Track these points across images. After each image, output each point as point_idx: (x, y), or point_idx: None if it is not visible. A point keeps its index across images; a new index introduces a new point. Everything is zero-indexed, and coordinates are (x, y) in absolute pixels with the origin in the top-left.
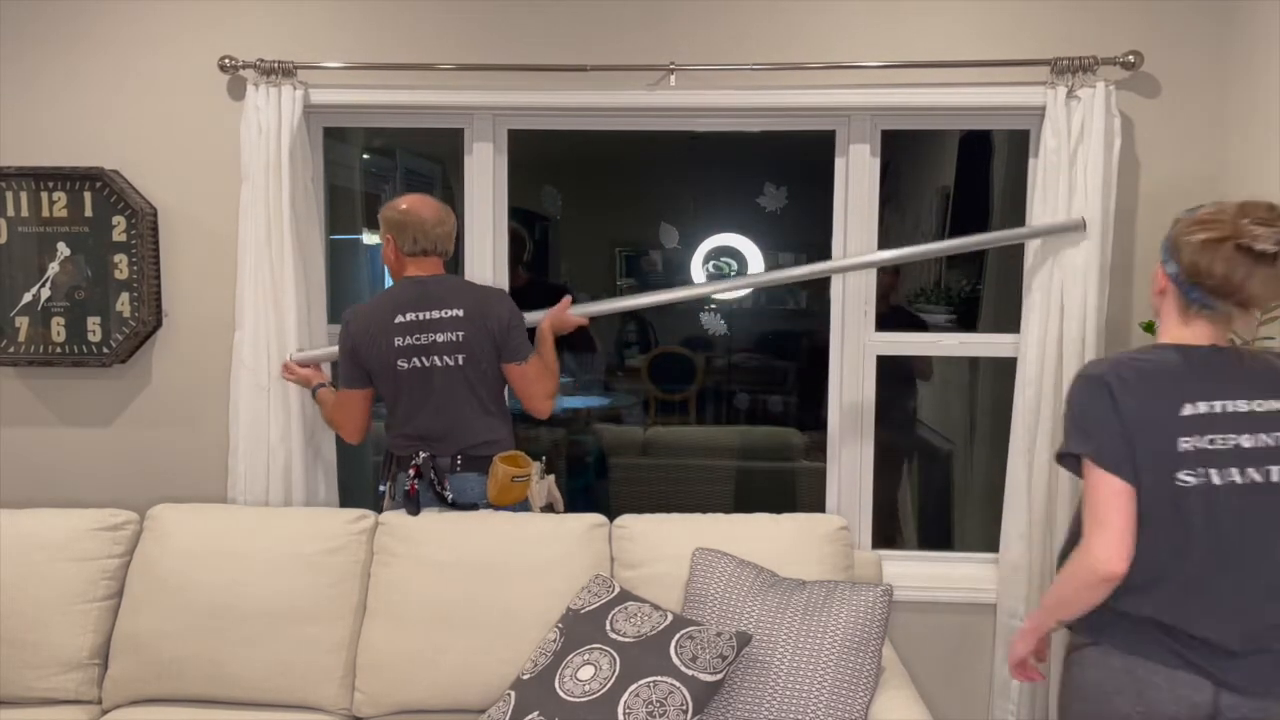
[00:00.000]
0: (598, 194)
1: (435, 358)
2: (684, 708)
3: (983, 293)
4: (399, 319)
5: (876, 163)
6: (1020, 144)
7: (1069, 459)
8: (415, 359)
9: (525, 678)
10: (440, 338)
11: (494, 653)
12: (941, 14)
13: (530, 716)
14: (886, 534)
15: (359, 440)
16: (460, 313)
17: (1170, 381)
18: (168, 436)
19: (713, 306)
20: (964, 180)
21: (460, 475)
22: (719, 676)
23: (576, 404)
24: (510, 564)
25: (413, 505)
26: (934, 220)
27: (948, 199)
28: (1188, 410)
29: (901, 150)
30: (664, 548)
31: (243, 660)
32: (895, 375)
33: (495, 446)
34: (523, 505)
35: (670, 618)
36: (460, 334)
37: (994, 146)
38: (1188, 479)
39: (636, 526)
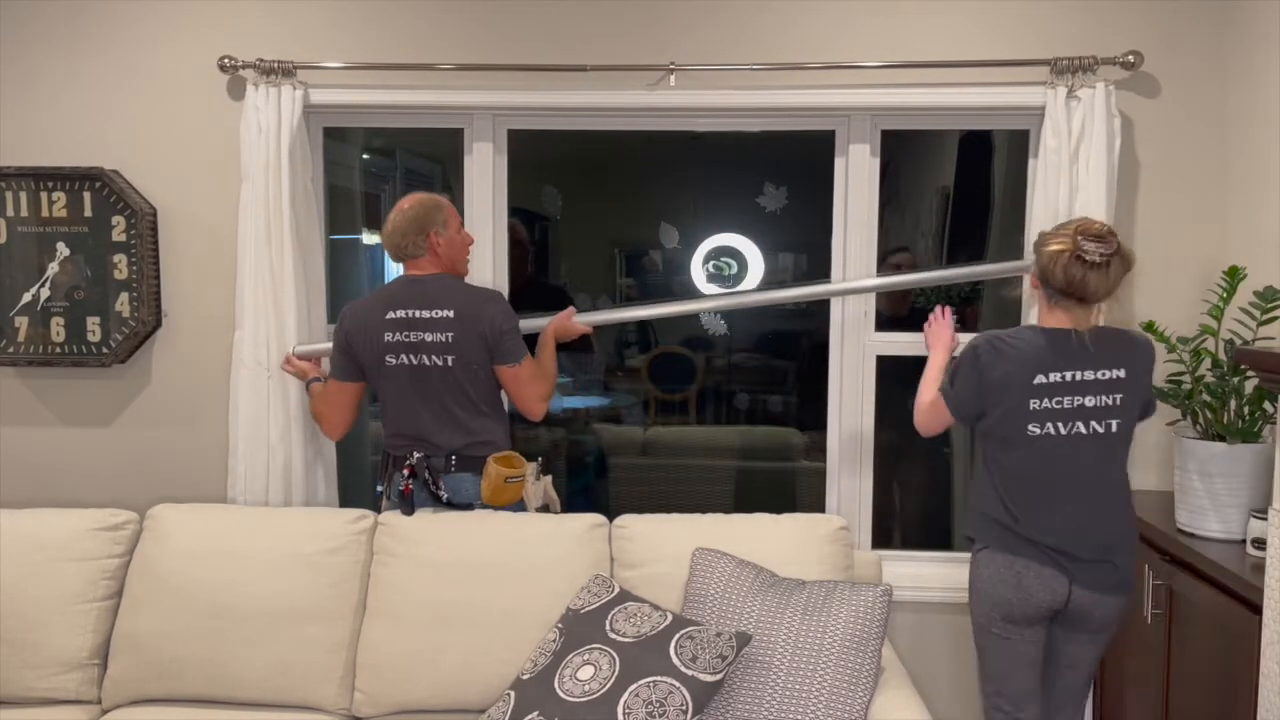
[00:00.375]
0: (598, 194)
1: (424, 356)
2: (684, 708)
3: (983, 292)
4: (390, 315)
5: (876, 163)
6: (1020, 144)
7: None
8: (404, 355)
9: (525, 678)
10: (429, 337)
11: (494, 653)
12: (941, 14)
13: (530, 716)
14: (886, 533)
15: (339, 436)
16: (450, 313)
17: (1031, 355)
18: (168, 436)
19: None
20: (964, 180)
21: (455, 475)
22: (719, 676)
23: (576, 404)
24: (510, 564)
25: (407, 505)
26: (934, 220)
27: (948, 199)
28: (1039, 379)
29: (901, 150)
30: (664, 548)
31: (243, 660)
32: (896, 375)
33: (489, 447)
34: (518, 506)
35: (670, 618)
36: (450, 335)
37: (994, 146)
38: (1034, 430)
39: (636, 526)
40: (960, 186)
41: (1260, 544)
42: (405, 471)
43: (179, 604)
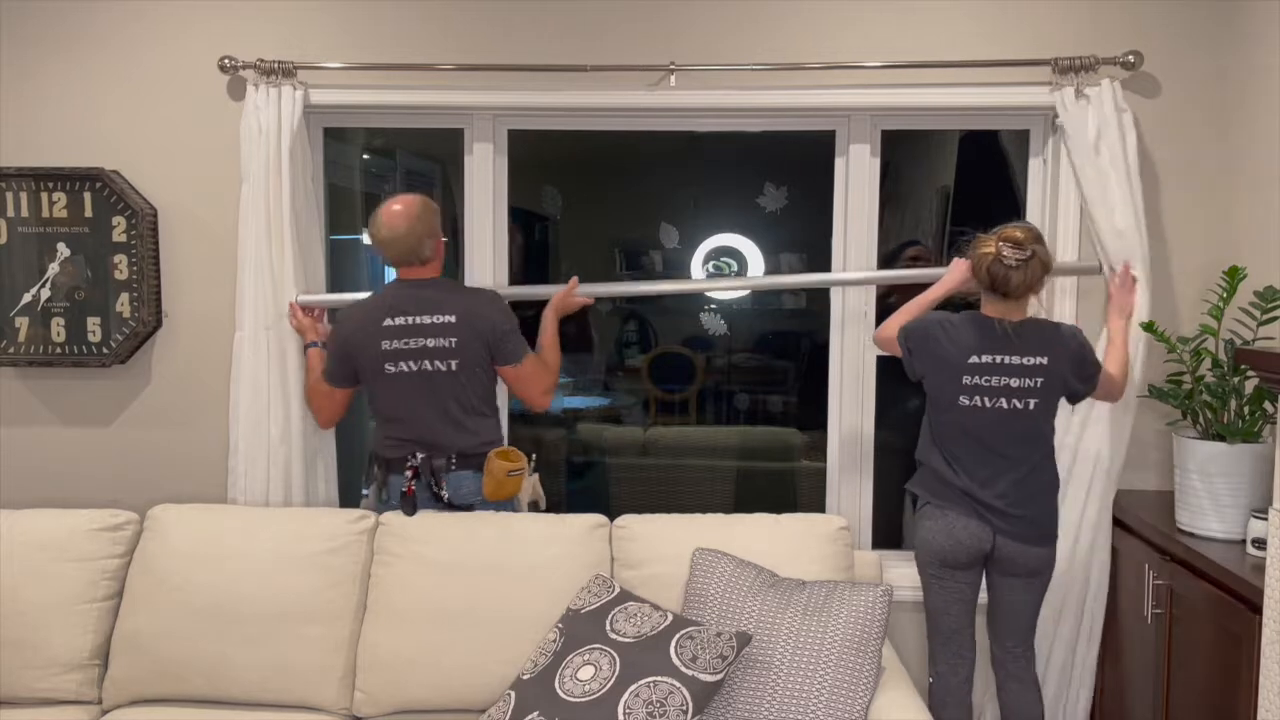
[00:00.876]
0: (598, 194)
1: (426, 362)
2: (684, 708)
3: None
4: (388, 322)
5: (876, 163)
6: (1021, 144)
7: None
8: (404, 363)
9: (525, 678)
10: (433, 343)
11: (494, 653)
12: (942, 14)
13: (530, 716)
14: (886, 533)
15: (329, 427)
16: (453, 319)
17: (967, 338)
18: (168, 436)
19: (713, 306)
20: (964, 180)
21: (456, 474)
22: (719, 676)
23: (576, 404)
24: (510, 564)
25: (409, 506)
26: (934, 220)
27: (948, 199)
28: (973, 359)
29: (901, 150)
30: (664, 548)
31: (243, 660)
32: (896, 375)
33: (490, 445)
34: (507, 503)
35: (670, 618)
36: (453, 340)
37: (994, 146)
38: (965, 401)
39: (636, 526)
40: (960, 186)
41: (1260, 544)
42: (409, 473)
43: (179, 604)
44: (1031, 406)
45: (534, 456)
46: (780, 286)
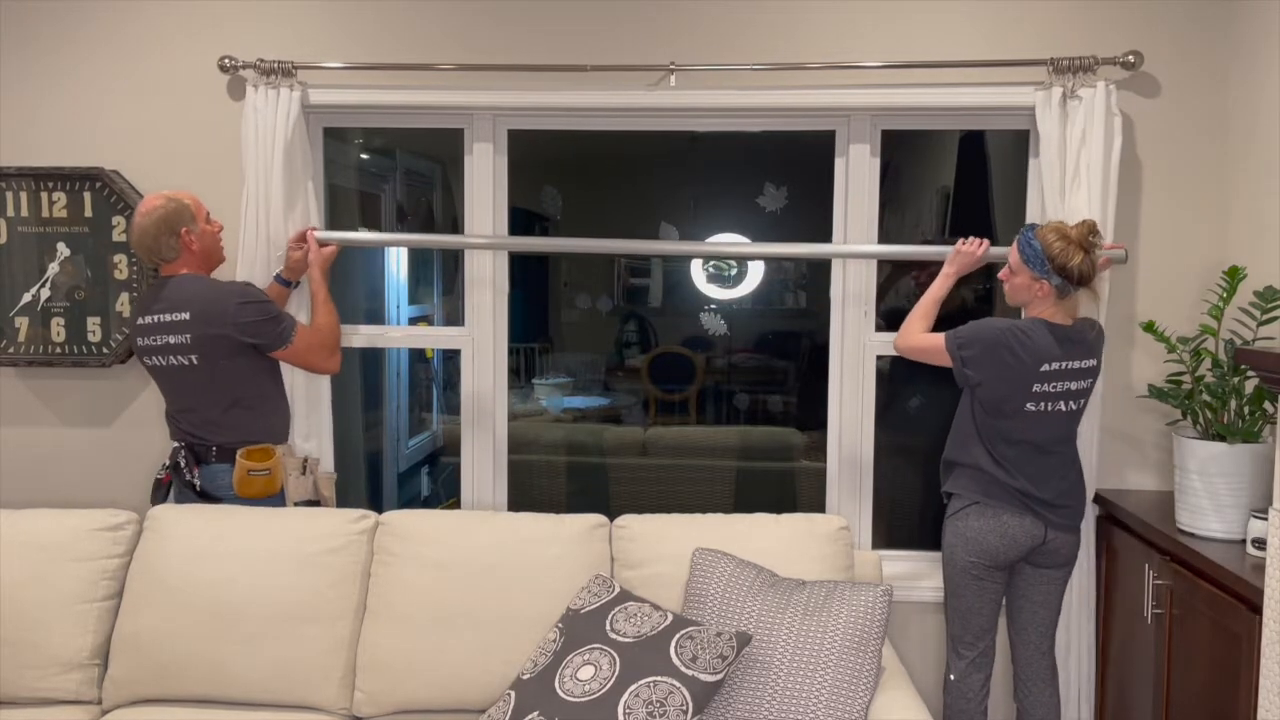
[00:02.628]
0: (598, 194)
1: (171, 357)
2: (684, 708)
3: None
4: (140, 320)
5: (876, 163)
6: (1021, 144)
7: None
8: (154, 357)
9: (525, 678)
10: (173, 339)
11: (494, 652)
12: (941, 14)
13: (530, 716)
14: (888, 533)
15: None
16: (187, 315)
17: (1045, 344)
18: (167, 436)
19: (713, 306)
20: (964, 180)
21: (212, 466)
22: (719, 676)
23: (577, 404)
24: (510, 564)
25: (161, 494)
26: (934, 220)
27: (948, 199)
28: (1044, 367)
29: (901, 150)
30: (664, 548)
31: (243, 660)
32: (896, 375)
33: (248, 440)
34: (277, 500)
35: (670, 618)
36: (188, 336)
37: (994, 146)
38: (1031, 408)
39: (636, 526)
40: (960, 186)
41: (1260, 544)
42: (166, 461)
43: (179, 604)
44: (1081, 405)
45: (306, 458)
46: (766, 256)
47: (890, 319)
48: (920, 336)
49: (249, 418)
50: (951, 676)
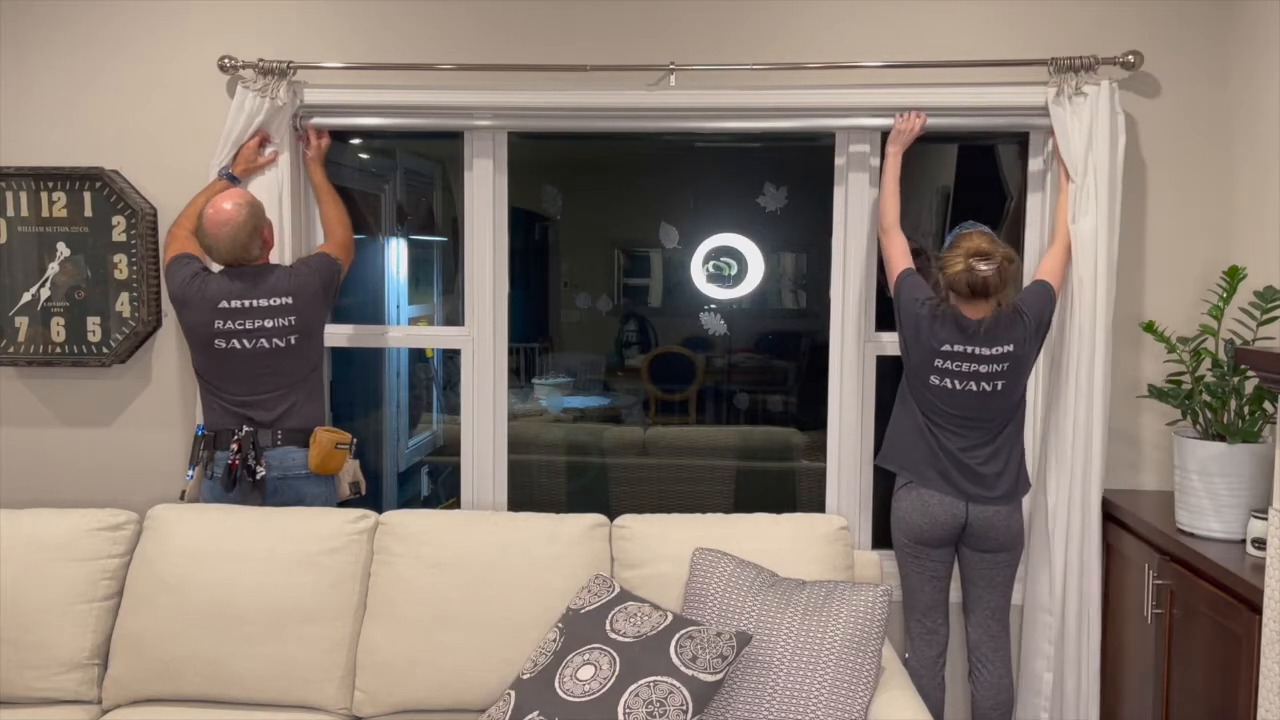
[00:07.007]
0: (598, 194)
1: (262, 340)
2: (684, 708)
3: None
4: (229, 304)
5: (876, 162)
6: (1021, 144)
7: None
8: (240, 341)
9: (525, 677)
10: (269, 323)
11: (494, 652)
12: (942, 14)
13: (530, 716)
14: (888, 533)
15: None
16: (289, 300)
17: (946, 332)
18: (167, 436)
19: (713, 306)
20: (964, 180)
21: (280, 449)
22: (719, 676)
23: (577, 404)
24: (510, 564)
25: (230, 480)
26: (934, 220)
27: (948, 199)
28: (945, 348)
29: None
30: (664, 548)
31: (243, 660)
32: (895, 375)
33: (313, 425)
34: (329, 480)
35: (670, 618)
36: (292, 318)
37: (994, 146)
38: (935, 381)
39: (636, 526)
40: (960, 186)
41: (1260, 544)
42: (234, 447)
43: (179, 604)
44: (999, 387)
45: (355, 441)
46: (766, 132)
47: (890, 319)
48: (893, 250)
49: (310, 404)
50: (905, 654)
